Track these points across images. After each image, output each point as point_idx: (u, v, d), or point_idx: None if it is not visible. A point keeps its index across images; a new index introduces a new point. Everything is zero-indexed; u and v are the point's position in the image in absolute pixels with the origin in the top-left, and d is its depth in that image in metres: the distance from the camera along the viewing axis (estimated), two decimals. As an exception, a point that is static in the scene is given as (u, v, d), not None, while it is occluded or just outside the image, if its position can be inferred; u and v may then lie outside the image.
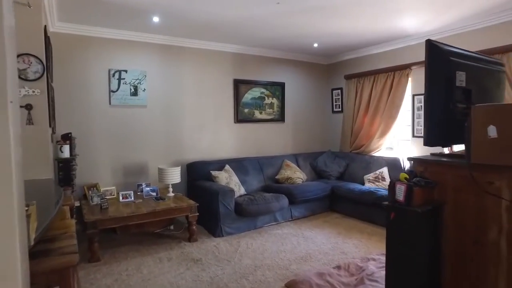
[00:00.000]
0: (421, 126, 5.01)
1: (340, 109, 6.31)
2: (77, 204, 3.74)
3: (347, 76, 6.02)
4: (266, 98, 5.78)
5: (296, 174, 5.32)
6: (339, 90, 6.29)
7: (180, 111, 4.97)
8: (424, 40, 4.91)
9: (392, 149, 5.91)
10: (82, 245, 3.66)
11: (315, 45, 5.36)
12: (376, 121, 5.52)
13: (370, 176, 5.20)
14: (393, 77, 5.26)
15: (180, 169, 4.33)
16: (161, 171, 4.23)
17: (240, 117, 5.53)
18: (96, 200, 3.76)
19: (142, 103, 4.62)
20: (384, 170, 5.14)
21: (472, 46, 4.38)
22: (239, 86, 5.48)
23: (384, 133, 5.41)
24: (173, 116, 4.91)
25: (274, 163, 5.54)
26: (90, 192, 3.89)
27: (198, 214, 3.96)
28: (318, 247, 3.82)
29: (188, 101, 5.03)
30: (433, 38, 4.76)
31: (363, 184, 5.20)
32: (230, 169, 4.88)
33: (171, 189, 4.27)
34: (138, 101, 4.58)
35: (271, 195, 4.60)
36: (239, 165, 5.15)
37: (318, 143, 6.54)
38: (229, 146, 5.45)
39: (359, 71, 5.79)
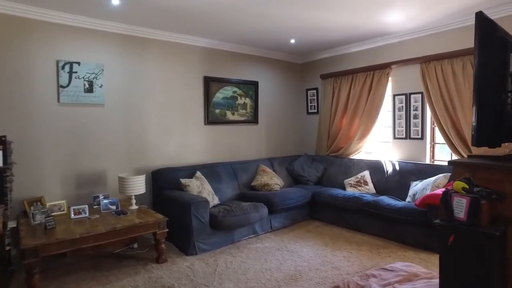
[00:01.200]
0: (402, 127, 4.78)
1: (315, 110, 5.97)
2: (12, 224, 2.98)
3: (323, 76, 5.68)
4: (238, 97, 5.28)
5: (274, 180, 4.86)
6: (315, 91, 5.94)
7: (144, 111, 4.33)
8: (404, 38, 4.69)
9: (371, 153, 5.66)
10: (19, 277, 2.93)
11: (292, 41, 4.96)
12: (355, 122, 5.22)
13: (351, 180, 4.86)
14: (373, 77, 4.99)
15: (144, 178, 3.69)
16: (122, 181, 3.56)
17: (211, 118, 4.98)
18: (39, 218, 3.02)
19: (99, 101, 3.92)
20: (366, 174, 4.83)
21: (453, 45, 4.23)
22: (210, 84, 4.93)
23: (364, 135, 5.12)
24: (135, 117, 4.25)
25: (249, 168, 5.04)
26: (32, 208, 3.13)
27: (167, 230, 3.36)
28: (306, 262, 3.36)
29: (153, 100, 4.40)
30: (413, 37, 4.61)
31: (344, 189, 4.86)
32: (202, 176, 4.31)
33: (134, 201, 3.62)
34: (94, 99, 3.88)
35: (249, 205, 4.09)
36: (211, 171, 4.60)
37: (293, 146, 6.14)
38: (199, 150, 4.87)
39: (336, 70, 5.48)
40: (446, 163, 4.44)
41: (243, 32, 4.51)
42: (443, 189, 3.81)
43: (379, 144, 5.35)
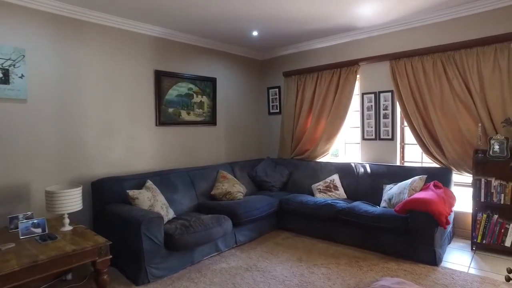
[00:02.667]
0: (371, 127, 4.49)
1: (278, 110, 5.52)
2: None
3: (286, 73, 5.26)
4: (195, 95, 4.65)
5: (236, 188, 4.30)
6: (277, 89, 5.50)
7: (81, 108, 3.53)
8: (373, 34, 4.35)
9: (337, 155, 5.35)
10: None
11: (255, 33, 4.46)
12: (321, 123, 4.85)
13: (320, 185, 4.47)
14: (340, 74, 4.66)
15: (81, 191, 2.92)
16: (50, 196, 2.76)
17: (164, 119, 4.29)
18: None
19: (19, 95, 3.07)
20: (335, 178, 4.46)
21: (423, 42, 4.03)
22: (162, 79, 4.25)
23: (331, 136, 4.76)
24: (70, 116, 3.44)
25: (208, 175, 4.42)
26: None
27: (111, 256, 2.64)
28: (282, 284, 2.85)
29: (93, 96, 3.62)
30: (382, 33, 4.31)
31: (312, 194, 4.45)
32: (154, 186, 3.61)
33: (67, 221, 2.83)
34: (12, 93, 3.03)
35: (211, 218, 3.49)
36: (165, 179, 3.91)
37: (254, 149, 5.63)
38: (150, 155, 4.16)
39: (301, 67, 5.08)
40: (418, 165, 4.25)
41: (199, 21, 3.92)
42: (423, 192, 3.58)
43: (348, 146, 5.04)
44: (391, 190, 3.82)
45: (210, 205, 3.99)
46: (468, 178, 3.86)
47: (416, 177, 3.67)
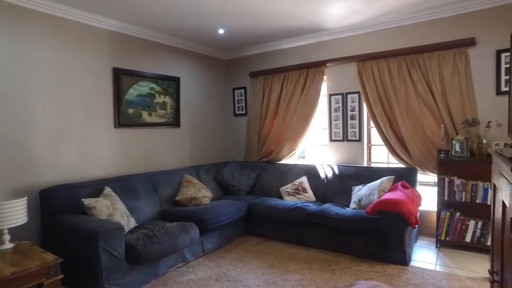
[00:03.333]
0: (339, 129, 4.47)
1: (243, 112, 5.36)
2: None
3: (253, 74, 5.11)
4: (157, 95, 4.35)
5: (202, 192, 4.06)
6: (243, 90, 5.33)
7: (28, 108, 3.11)
8: (340, 36, 4.31)
9: (304, 157, 5.29)
10: None
11: (221, 31, 4.27)
12: (287, 123, 4.75)
13: (288, 188, 4.36)
14: (307, 75, 4.59)
15: (26, 201, 2.55)
16: (-12, 208, 2.38)
17: (123, 120, 3.96)
18: None
19: (-51, 92, 2.64)
20: (304, 180, 4.38)
21: (389, 45, 4.06)
22: (121, 78, 3.91)
23: (297, 137, 4.67)
24: (14, 116, 3.01)
25: (171, 179, 4.14)
26: None
27: (62, 276, 2.31)
28: (255, 294, 2.69)
29: (43, 94, 3.21)
30: (349, 35, 4.26)
31: (281, 197, 4.33)
32: (113, 193, 3.29)
33: (7, 238, 2.44)
34: None
35: (176, 226, 3.23)
36: (125, 185, 3.59)
37: (220, 152, 5.42)
38: (108, 159, 3.80)
39: (267, 67, 4.96)
40: (384, 165, 4.28)
41: (161, 15, 3.65)
42: (393, 193, 3.58)
43: (316, 147, 4.99)
44: (360, 192, 3.80)
45: (175, 211, 3.73)
46: (431, 177, 3.96)
47: (385, 178, 3.67)
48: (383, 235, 3.18)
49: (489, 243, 3.33)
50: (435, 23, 3.74)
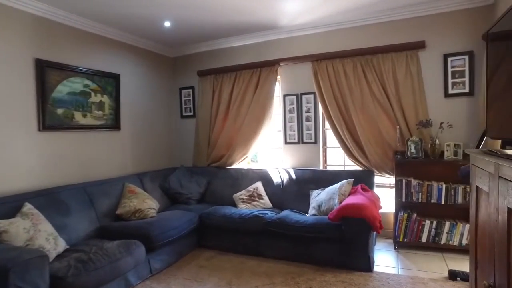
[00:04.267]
0: (294, 131, 4.26)
1: (191, 113, 4.92)
2: None
3: (202, 72, 4.71)
4: (92, 94, 3.75)
5: (147, 203, 3.56)
6: (190, 90, 4.89)
7: None
8: (295, 34, 4.10)
9: (257, 161, 5.01)
10: None
11: (167, 23, 3.81)
12: (239, 125, 4.44)
13: (243, 194, 4.03)
14: (259, 74, 4.33)
15: None
16: None
17: (50, 122, 3.30)
18: None
19: None
20: (259, 186, 4.09)
21: (344, 45, 3.95)
22: (47, 72, 3.25)
23: (249, 139, 4.38)
24: None
25: (111, 190, 3.58)
26: None
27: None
28: (215, 321, 2.31)
29: None
30: (304, 34, 4.05)
31: (235, 205, 3.99)
32: (35, 211, 2.66)
33: None
34: None
35: (117, 245, 2.72)
36: (52, 200, 2.97)
37: (166, 157, 4.90)
38: (30, 169, 3.11)
39: (217, 66, 4.60)
40: (340, 168, 4.17)
41: (98, 1, 3.12)
42: (354, 197, 3.44)
43: (269, 151, 4.73)
44: (319, 196, 3.61)
45: (116, 227, 3.19)
46: (386, 179, 3.93)
47: (344, 181, 3.52)
48: (347, 241, 3.01)
49: (443, 242, 3.35)
50: (389, 25, 3.72)
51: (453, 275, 2.81)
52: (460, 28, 3.48)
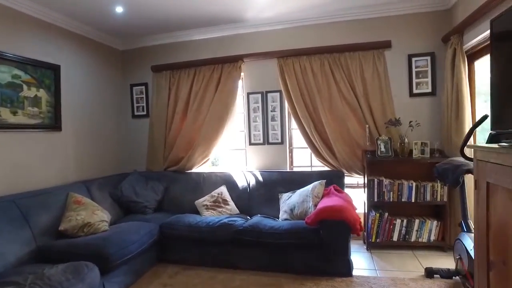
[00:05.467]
0: (259, 131, 3.99)
1: (144, 112, 4.39)
2: None
3: (156, 68, 4.22)
4: (25, 87, 3.08)
5: (97, 215, 3.01)
6: (143, 87, 4.37)
7: None
8: (260, 29, 3.81)
9: (217, 164, 4.65)
10: None
11: (119, 9, 3.30)
12: (199, 125, 4.05)
13: (206, 201, 3.65)
14: (221, 71, 3.99)
15: None
16: None
17: (-33, 120, 2.62)
18: None
19: None
20: (223, 190, 3.73)
21: (311, 42, 3.79)
22: (-38, 57, 2.58)
23: (211, 140, 4.00)
24: None
25: (51, 202, 2.95)
26: None
27: None
28: None
29: None
30: (270, 29, 3.72)
31: (197, 213, 3.58)
32: None
33: None
34: None
35: (63, 270, 2.18)
36: (-28, 218, 2.32)
37: (115, 162, 4.30)
38: None
39: (174, 61, 4.15)
40: (308, 169, 3.99)
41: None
42: (329, 199, 3.26)
43: (231, 152, 4.39)
44: (290, 200, 3.38)
45: (60, 247, 2.61)
46: (354, 179, 3.84)
47: (316, 183, 3.33)
48: (325, 246, 2.80)
49: (413, 239, 3.33)
50: (356, 23, 3.64)
51: (430, 273, 2.76)
52: (422, 29, 3.52)
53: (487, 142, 1.81)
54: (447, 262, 3.01)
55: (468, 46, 3.10)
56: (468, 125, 3.06)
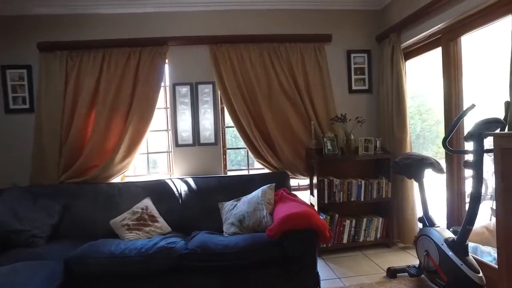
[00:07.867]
0: (188, 130, 3.31)
1: (26, 105, 3.17)
2: None
3: (45, 46, 3.08)
4: None
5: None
6: (24, 70, 3.15)
7: None
8: (189, 9, 3.11)
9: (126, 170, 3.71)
10: None
11: None
12: (118, 126, 3.15)
13: (126, 219, 2.76)
14: (140, 56, 3.17)
15: None
16: None
17: None
18: None
19: None
20: (148, 204, 2.91)
21: (250, 29, 3.27)
22: None
23: (133, 144, 3.15)
24: None
25: None
26: None
27: None
28: None
29: None
30: (201, 9, 2.96)
31: (116, 236, 2.69)
32: None
33: None
34: None
35: None
36: None
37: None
38: None
39: (74, 38, 3.11)
40: (244, 172, 3.49)
41: None
42: (287, 205, 2.81)
43: (151, 156, 3.55)
44: (237, 209, 2.80)
45: None
46: (295, 181, 3.51)
47: (265, 187, 2.85)
48: (290, 260, 2.35)
49: (361, 239, 3.19)
50: (298, 13, 3.37)
51: (393, 273, 2.62)
52: (360, 27, 3.46)
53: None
54: (399, 259, 2.94)
55: (404, 45, 3.15)
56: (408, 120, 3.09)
